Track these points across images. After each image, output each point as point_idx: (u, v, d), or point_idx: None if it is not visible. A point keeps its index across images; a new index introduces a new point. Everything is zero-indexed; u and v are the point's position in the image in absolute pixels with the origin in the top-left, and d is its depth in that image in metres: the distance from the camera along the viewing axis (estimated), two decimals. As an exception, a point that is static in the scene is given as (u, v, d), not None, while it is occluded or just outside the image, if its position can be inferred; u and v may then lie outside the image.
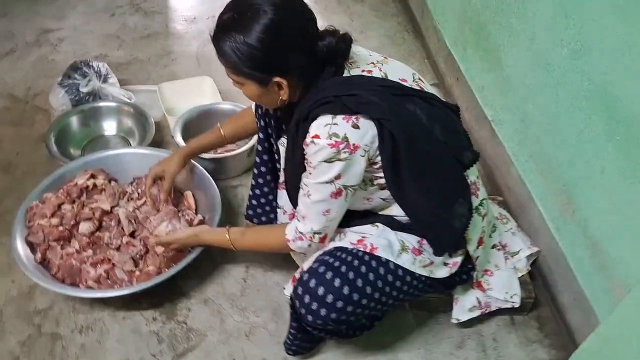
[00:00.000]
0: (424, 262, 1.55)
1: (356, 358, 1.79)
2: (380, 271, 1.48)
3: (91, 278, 1.82)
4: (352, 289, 1.43)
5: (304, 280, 1.46)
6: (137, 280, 1.84)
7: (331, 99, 1.36)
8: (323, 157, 1.35)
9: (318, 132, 1.35)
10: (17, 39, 3.16)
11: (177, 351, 1.79)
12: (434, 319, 1.91)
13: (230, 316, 1.89)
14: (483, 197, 1.68)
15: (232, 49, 1.35)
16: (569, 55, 1.76)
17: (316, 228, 1.49)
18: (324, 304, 1.42)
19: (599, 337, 1.39)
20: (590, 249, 1.71)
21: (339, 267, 1.45)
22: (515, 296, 1.83)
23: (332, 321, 1.44)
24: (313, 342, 1.75)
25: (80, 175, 2.09)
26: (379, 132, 1.36)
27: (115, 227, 2.00)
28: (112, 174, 2.17)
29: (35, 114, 2.66)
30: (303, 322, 1.53)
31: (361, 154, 1.36)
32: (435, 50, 2.99)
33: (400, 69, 1.54)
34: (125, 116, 2.53)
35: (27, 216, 1.96)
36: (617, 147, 1.56)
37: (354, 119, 1.34)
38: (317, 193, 1.43)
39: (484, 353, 1.82)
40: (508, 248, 1.92)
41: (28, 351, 1.77)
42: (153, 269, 1.85)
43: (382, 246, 1.51)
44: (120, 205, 2.06)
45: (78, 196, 2.04)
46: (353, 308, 1.44)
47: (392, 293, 1.52)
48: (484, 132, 2.40)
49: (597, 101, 1.63)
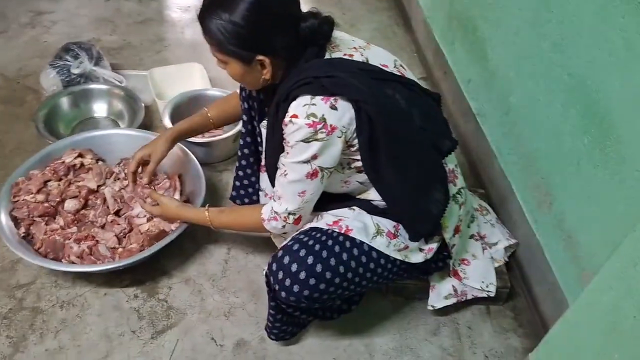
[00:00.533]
0: (399, 245, 1.58)
1: (333, 342, 1.82)
2: (354, 252, 1.51)
3: (74, 253, 1.85)
4: (324, 267, 1.46)
5: (279, 257, 1.49)
6: (119, 257, 1.87)
7: (310, 80, 1.39)
8: (301, 137, 1.38)
9: (297, 111, 1.38)
10: (10, 20, 3.18)
11: (157, 328, 1.82)
12: (410, 305, 1.94)
13: (211, 296, 1.92)
14: (461, 185, 1.71)
15: (218, 26, 1.39)
16: (550, 49, 1.80)
17: (291, 208, 1.52)
18: (297, 281, 1.45)
19: (567, 322, 1.44)
20: (565, 240, 1.75)
21: (313, 245, 1.48)
22: (491, 285, 1.86)
23: (305, 298, 1.46)
24: (294, 326, 1.76)
25: (68, 154, 2.12)
26: (357, 114, 1.38)
27: (101, 206, 2.03)
28: (100, 154, 2.20)
29: (25, 94, 2.68)
30: (277, 300, 1.56)
31: (338, 135, 1.39)
32: (424, 44, 3.02)
33: (381, 55, 1.58)
34: (116, 99, 2.56)
35: (13, 192, 1.98)
36: (592, 140, 1.60)
37: (332, 100, 1.37)
38: (293, 172, 1.45)
39: (458, 340, 1.86)
40: (487, 239, 1.96)
41: (9, 324, 1.80)
42: (136, 246, 1.88)
43: (356, 228, 1.54)
44: (106, 185, 2.09)
45: (65, 174, 2.07)
46: (325, 286, 1.47)
47: (366, 274, 1.54)
48: (469, 126, 2.44)
49: (575, 94, 1.67)
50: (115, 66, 2.76)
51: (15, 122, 2.52)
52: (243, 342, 1.80)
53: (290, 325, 1.74)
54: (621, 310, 1.20)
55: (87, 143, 2.19)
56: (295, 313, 1.65)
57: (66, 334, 1.78)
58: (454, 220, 1.69)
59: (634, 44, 1.41)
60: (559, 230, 1.78)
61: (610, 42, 1.50)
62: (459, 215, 1.71)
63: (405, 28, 3.34)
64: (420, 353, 1.81)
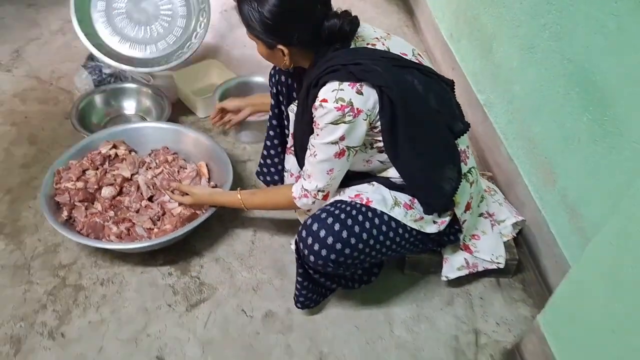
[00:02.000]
0: (415, 216, 1.71)
1: (354, 312, 1.95)
2: (376, 221, 1.65)
3: (114, 234, 2.00)
4: (349, 233, 1.60)
5: (308, 225, 1.63)
6: (155, 236, 2.02)
7: (338, 67, 1.54)
8: (330, 120, 1.52)
9: (326, 96, 1.52)
10: (42, 28, 3.38)
11: (191, 302, 1.96)
12: (425, 279, 2.07)
13: (239, 273, 2.06)
14: (472, 165, 1.85)
15: (248, 12, 1.57)
16: (550, 38, 1.94)
17: (320, 185, 1.66)
18: (324, 245, 1.59)
19: (571, 281, 1.56)
20: (568, 213, 1.88)
21: (339, 214, 1.62)
22: (500, 257, 1.99)
23: (332, 262, 1.60)
24: (318, 294, 1.89)
25: (104, 145, 2.28)
26: (380, 98, 1.53)
27: (135, 192, 2.19)
28: (132, 145, 2.37)
29: (59, 94, 2.86)
30: (306, 264, 1.70)
31: (363, 118, 1.53)
32: (433, 43, 3.18)
33: (401, 44, 1.72)
34: (144, 97, 2.73)
35: (55, 179, 2.14)
36: (591, 118, 1.74)
37: (358, 85, 1.52)
38: (322, 153, 1.59)
39: (471, 310, 1.99)
40: (495, 217, 2.08)
41: (54, 299, 1.94)
42: (170, 227, 2.03)
43: (376, 200, 1.68)
44: (139, 173, 2.25)
45: (101, 163, 2.24)
46: (350, 251, 1.61)
47: (386, 242, 1.68)
48: (477, 116, 2.58)
49: (574, 78, 1.81)
50: (142, 68, 2.92)
51: (50, 120, 2.69)
52: (271, 313, 1.93)
53: (315, 293, 1.87)
54: (621, 264, 1.32)
55: (120, 135, 2.36)
56: (320, 279, 1.79)
57: (107, 308, 1.93)
58: (465, 197, 1.82)
59: (626, 25, 1.55)
60: (563, 205, 1.91)
61: (605, 27, 1.65)
62: (470, 193, 1.84)
63: (414, 29, 3.52)
64: (436, 321, 1.94)
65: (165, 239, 1.95)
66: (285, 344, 1.85)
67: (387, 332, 1.89)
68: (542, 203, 2.05)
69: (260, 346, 1.84)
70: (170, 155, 2.31)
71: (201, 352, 1.81)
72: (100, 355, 1.79)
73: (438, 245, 1.93)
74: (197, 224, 1.98)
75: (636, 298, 1.27)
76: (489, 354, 1.85)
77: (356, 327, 1.90)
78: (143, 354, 1.80)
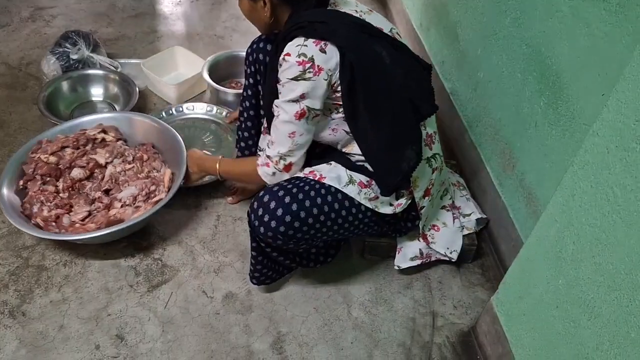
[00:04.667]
0: (369, 195, 1.72)
1: (314, 294, 1.97)
2: (328, 198, 1.66)
3: (41, 217, 1.97)
4: (300, 207, 1.61)
5: (260, 196, 1.64)
6: (70, 231, 1.97)
7: (305, 24, 1.56)
8: (291, 75, 1.53)
9: (290, 50, 1.54)
10: (12, 15, 3.37)
11: (152, 283, 1.97)
12: (384, 263, 2.09)
13: (202, 255, 2.07)
14: (436, 151, 1.86)
15: None
16: (510, 24, 1.97)
17: (282, 150, 1.66)
18: (274, 217, 1.60)
19: (520, 260, 1.59)
20: (526, 198, 1.91)
21: (292, 189, 1.63)
22: (454, 252, 2.01)
23: (281, 234, 1.61)
24: (274, 271, 1.90)
25: (94, 128, 2.30)
26: (341, 60, 1.54)
27: (99, 182, 2.17)
28: (125, 134, 2.35)
29: (27, 80, 2.85)
30: (256, 236, 1.70)
31: (324, 78, 1.54)
32: (403, 33, 3.20)
33: (380, 21, 1.73)
34: (112, 83, 2.72)
35: (33, 148, 2.17)
36: (547, 102, 1.77)
37: (322, 44, 1.53)
38: (284, 113, 1.60)
39: (429, 293, 2.01)
40: (461, 210, 2.11)
41: (16, 279, 1.95)
42: (92, 227, 1.96)
43: (330, 177, 1.69)
44: (113, 164, 2.22)
45: (84, 144, 2.24)
46: (299, 224, 1.61)
47: (337, 220, 1.69)
48: (444, 105, 2.60)
49: (532, 62, 1.84)
50: (111, 55, 2.92)
51: (18, 105, 2.69)
52: (231, 294, 1.95)
53: (270, 269, 1.88)
54: (563, 240, 1.35)
55: (114, 121, 2.36)
56: (273, 254, 1.79)
57: (69, 288, 1.93)
58: (425, 182, 1.83)
59: (579, 9, 1.58)
60: (521, 189, 1.94)
61: (559, 11, 1.68)
62: (431, 179, 1.85)
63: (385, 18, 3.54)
64: (394, 304, 1.97)
65: (91, 235, 1.93)
66: (244, 324, 1.86)
67: (345, 314, 1.92)
68: (502, 189, 2.08)
69: (220, 325, 1.85)
70: (147, 154, 2.23)
71: (161, 331, 1.82)
72: (60, 333, 1.80)
73: (394, 231, 1.94)
74: (155, 210, 1.96)
75: (577, 272, 1.30)
76: (445, 335, 1.88)
77: (314, 309, 1.92)
78: (103, 332, 1.81)
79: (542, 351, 1.47)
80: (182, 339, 1.81)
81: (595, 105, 1.53)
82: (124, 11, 3.51)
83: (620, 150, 1.12)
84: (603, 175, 1.18)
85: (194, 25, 3.45)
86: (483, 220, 2.14)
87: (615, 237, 1.16)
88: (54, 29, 3.24)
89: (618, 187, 1.14)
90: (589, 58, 1.56)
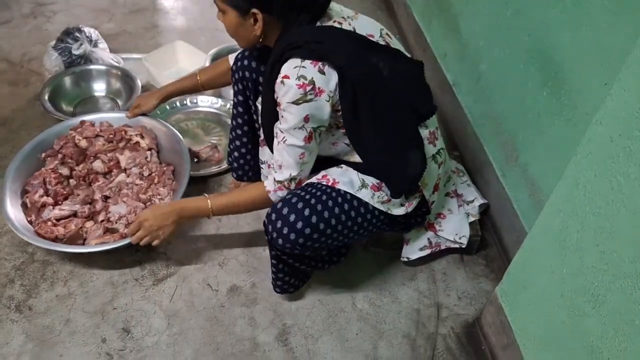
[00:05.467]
0: (382, 198, 1.71)
1: (318, 286, 1.98)
2: (345, 206, 1.65)
3: (31, 199, 2.01)
4: (318, 218, 1.59)
5: (278, 208, 1.61)
6: (41, 225, 1.95)
7: (301, 44, 1.51)
8: (291, 98, 1.48)
9: (288, 73, 1.48)
10: (13, 11, 3.38)
11: (157, 276, 1.98)
12: (389, 256, 2.10)
13: (206, 249, 2.08)
14: (440, 146, 1.84)
15: None
16: (512, 15, 1.97)
17: (294, 173, 1.64)
18: (293, 229, 1.58)
19: (525, 249, 1.60)
20: (529, 188, 1.92)
21: (309, 199, 1.61)
22: (463, 237, 2.02)
23: (299, 245, 1.60)
24: (296, 278, 1.90)
25: (136, 128, 2.29)
26: (340, 80, 1.50)
27: (107, 183, 2.15)
28: (160, 145, 2.31)
29: (29, 76, 2.86)
30: (274, 246, 1.67)
31: (326, 99, 1.51)
32: (406, 25, 3.20)
33: (368, 25, 1.67)
34: (114, 78, 2.73)
35: (71, 131, 2.26)
36: (550, 92, 1.77)
37: (320, 64, 1.49)
38: (291, 138, 1.57)
39: (434, 284, 2.02)
40: (464, 197, 2.11)
41: (22, 274, 1.96)
42: (61, 230, 1.94)
43: (343, 182, 1.67)
44: (130, 171, 2.20)
45: (118, 140, 2.27)
46: (318, 235, 1.61)
47: (354, 227, 1.68)
48: (446, 97, 2.61)
49: (534, 54, 1.84)
50: (113, 51, 2.91)
51: (21, 101, 2.69)
52: (236, 287, 1.96)
53: (292, 277, 1.87)
54: (567, 229, 1.35)
55: (157, 131, 2.33)
56: (289, 260, 1.78)
57: (74, 282, 1.94)
58: (433, 179, 1.83)
59: (580, 0, 1.59)
60: (524, 180, 1.94)
61: (561, 1, 1.68)
62: (438, 174, 1.84)
63: (387, 12, 3.56)
64: (398, 295, 1.97)
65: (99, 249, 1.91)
66: (249, 316, 1.87)
67: (350, 305, 1.92)
68: (506, 180, 2.08)
69: (225, 318, 1.86)
70: (160, 178, 2.16)
71: (167, 324, 1.83)
72: (66, 327, 1.81)
73: (404, 228, 1.94)
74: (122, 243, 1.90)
75: (581, 261, 1.30)
76: (450, 326, 1.89)
77: (319, 301, 1.93)
78: (109, 326, 1.82)
79: (547, 340, 1.47)
80: (188, 331, 1.82)
81: (597, 95, 1.53)
82: (124, 6, 3.51)
83: (624, 138, 1.13)
84: (607, 164, 1.19)
85: (195, 19, 3.45)
86: (484, 205, 2.15)
87: (619, 225, 1.16)
88: (55, 25, 3.25)
89: (622, 175, 1.14)
90: (591, 48, 1.56)
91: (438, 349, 1.82)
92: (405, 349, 1.81)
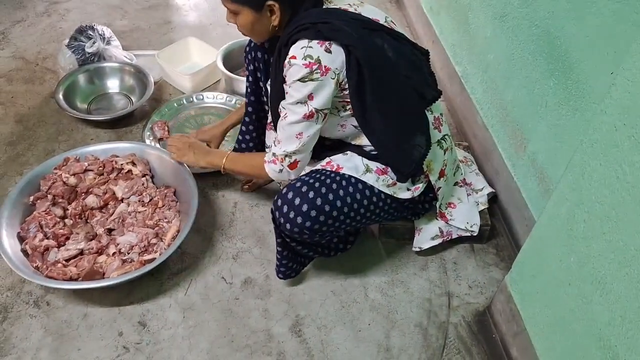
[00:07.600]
0: (387, 181, 1.74)
1: (331, 278, 2.01)
2: (350, 189, 1.69)
3: (31, 244, 1.92)
4: (323, 201, 1.64)
5: (284, 194, 1.66)
6: (48, 270, 1.87)
7: (308, 26, 1.55)
8: (298, 76, 1.53)
9: (295, 53, 1.54)
10: (28, 10, 3.42)
11: (172, 270, 2.01)
12: (400, 246, 2.12)
13: (220, 242, 2.12)
14: (445, 132, 1.87)
15: None
16: (519, 5, 1.98)
17: (289, 149, 1.68)
18: (300, 213, 1.62)
19: (533, 238, 1.61)
20: (537, 177, 1.93)
21: (313, 183, 1.66)
22: (474, 225, 2.04)
23: (307, 229, 1.64)
24: (298, 263, 1.93)
25: (125, 157, 2.22)
26: (347, 58, 1.54)
27: (107, 217, 2.08)
28: (153, 171, 2.25)
29: (44, 74, 2.90)
30: (282, 232, 1.73)
31: (332, 77, 1.55)
32: (415, 17, 3.21)
33: (373, 11, 1.72)
34: (127, 75, 2.77)
35: (59, 164, 2.15)
36: (557, 82, 1.78)
37: (326, 44, 1.54)
38: (292, 114, 1.61)
39: (445, 274, 2.04)
40: (473, 186, 2.14)
41: (40, 269, 1.99)
42: (74, 271, 1.87)
43: (347, 167, 1.72)
44: (128, 200, 2.13)
45: (109, 172, 2.19)
46: (325, 218, 1.64)
47: (360, 210, 1.72)
48: (455, 88, 2.62)
49: (541, 43, 1.85)
50: (126, 47, 2.96)
51: (36, 99, 2.74)
52: (250, 280, 1.99)
53: (294, 262, 1.91)
54: (574, 218, 1.37)
55: (147, 156, 2.26)
56: (298, 247, 1.82)
57: (91, 277, 1.98)
58: (439, 164, 1.85)
59: (586, -11, 1.59)
60: (533, 169, 1.96)
61: (567, -9, 1.69)
62: (444, 160, 1.87)
63: (397, 5, 3.57)
64: (410, 285, 2.00)
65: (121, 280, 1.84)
66: (263, 308, 1.90)
67: (362, 296, 1.95)
68: (515, 170, 2.10)
69: (239, 310, 1.90)
70: (163, 201, 2.12)
71: (182, 317, 1.87)
72: (84, 321, 1.86)
73: (413, 214, 1.97)
74: (154, 265, 1.86)
75: (588, 249, 1.31)
76: (461, 315, 1.91)
77: (332, 292, 1.96)
78: (126, 319, 1.87)
79: (555, 328, 1.49)
80: (203, 324, 1.85)
81: (604, 84, 1.54)
82: (137, 3, 3.55)
83: (628, 127, 1.14)
84: (612, 153, 1.20)
85: (207, 15, 3.48)
86: (491, 193, 2.17)
87: (625, 213, 1.18)
88: (68, 23, 3.29)
89: (627, 164, 1.16)
90: (598, 37, 1.57)
91: (449, 338, 1.85)
92: (417, 338, 1.84)
